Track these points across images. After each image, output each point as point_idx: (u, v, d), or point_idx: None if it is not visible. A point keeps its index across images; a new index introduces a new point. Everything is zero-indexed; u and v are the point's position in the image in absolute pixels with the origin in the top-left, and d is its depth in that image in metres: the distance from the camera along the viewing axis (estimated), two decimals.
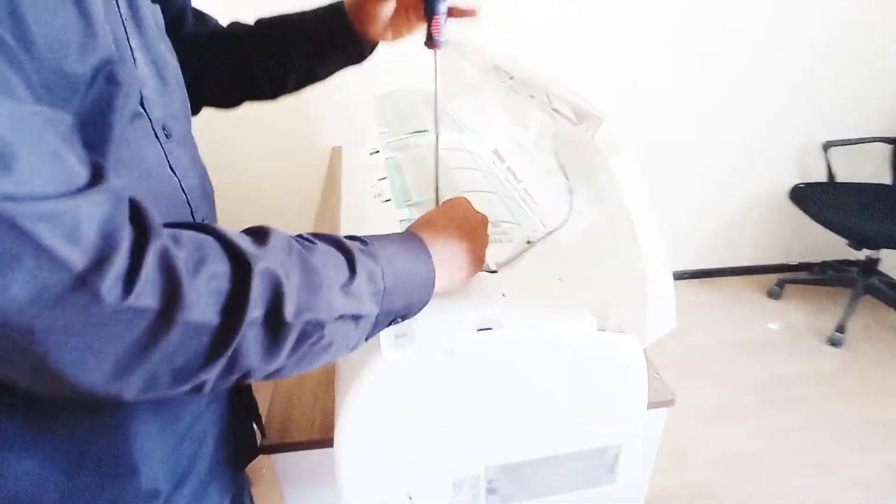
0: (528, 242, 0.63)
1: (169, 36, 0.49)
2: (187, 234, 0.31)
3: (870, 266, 2.01)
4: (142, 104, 0.39)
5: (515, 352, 0.46)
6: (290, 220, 1.79)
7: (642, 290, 0.47)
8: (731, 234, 2.20)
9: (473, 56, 0.87)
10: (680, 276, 2.21)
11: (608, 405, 0.52)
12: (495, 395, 0.48)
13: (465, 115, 1.28)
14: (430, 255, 0.44)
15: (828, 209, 1.88)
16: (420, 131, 1.10)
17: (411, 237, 0.45)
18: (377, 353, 0.44)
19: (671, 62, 1.83)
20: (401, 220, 0.69)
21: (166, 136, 0.42)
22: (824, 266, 2.23)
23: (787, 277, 2.15)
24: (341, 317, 0.36)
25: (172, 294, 0.28)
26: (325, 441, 0.62)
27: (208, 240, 0.32)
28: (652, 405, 0.70)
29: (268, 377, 0.36)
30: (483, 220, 0.52)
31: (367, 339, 0.41)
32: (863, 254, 2.00)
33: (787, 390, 1.68)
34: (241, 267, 0.31)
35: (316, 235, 0.39)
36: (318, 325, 0.35)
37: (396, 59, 1.65)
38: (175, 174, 0.43)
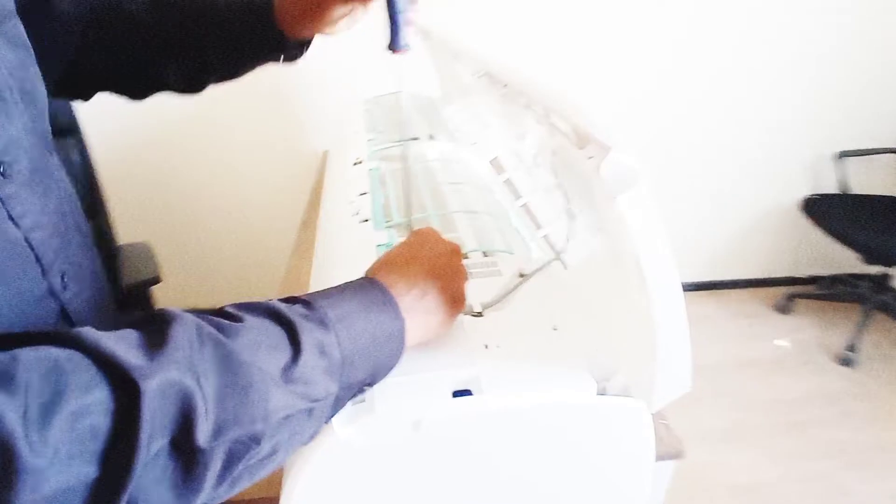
0: (522, 276, 0.55)
1: (35, 13, 0.38)
2: (30, 359, 0.22)
3: (881, 282, 1.92)
4: None
5: (498, 422, 0.38)
6: (276, 230, 1.71)
7: (652, 346, 0.39)
8: (739, 245, 2.12)
9: (464, 58, 0.79)
10: (685, 287, 2.12)
11: (609, 480, 0.44)
12: (473, 472, 0.40)
13: (460, 121, 1.20)
14: (396, 303, 0.36)
15: (840, 222, 1.79)
16: (412, 139, 1.02)
17: (369, 285, 0.37)
18: (326, 427, 0.36)
19: (678, 67, 1.75)
20: (378, 245, 0.61)
21: (1, 175, 0.31)
22: (834, 280, 2.15)
23: (796, 291, 2.06)
24: (286, 417, 0.28)
25: (4, 468, 0.19)
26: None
27: (71, 357, 0.23)
28: (658, 457, 0.62)
29: None
30: (454, 251, 0.44)
31: (327, 422, 0.33)
32: (875, 268, 1.92)
33: (797, 413, 1.60)
34: (124, 389, 0.23)
35: (243, 307, 0.31)
36: (252, 440, 0.26)
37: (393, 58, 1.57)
38: (17, 226, 0.31)
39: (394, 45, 0.49)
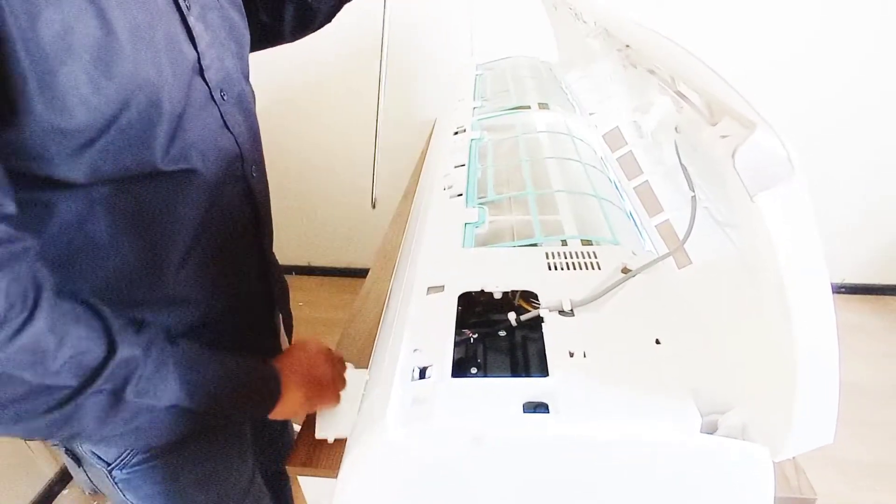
0: (625, 272, 0.47)
1: None
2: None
3: None
4: (202, 75, 0.43)
5: (574, 450, 0.32)
6: (384, 197, 1.73)
7: (788, 381, 0.31)
8: None
9: (585, 14, 0.70)
10: (836, 289, 1.83)
11: None
12: (538, 502, 0.34)
13: (580, 90, 1.10)
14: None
15: None
16: (520, 108, 0.95)
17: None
18: (380, 420, 0.33)
19: (849, 39, 1.45)
20: (466, 224, 0.56)
21: (223, 98, 0.46)
22: None
23: None
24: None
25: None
26: None
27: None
28: (780, 502, 0.52)
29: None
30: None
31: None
32: None
33: None
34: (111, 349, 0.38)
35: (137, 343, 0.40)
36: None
37: (511, 21, 1.48)
38: (230, 132, 0.48)
39: None
